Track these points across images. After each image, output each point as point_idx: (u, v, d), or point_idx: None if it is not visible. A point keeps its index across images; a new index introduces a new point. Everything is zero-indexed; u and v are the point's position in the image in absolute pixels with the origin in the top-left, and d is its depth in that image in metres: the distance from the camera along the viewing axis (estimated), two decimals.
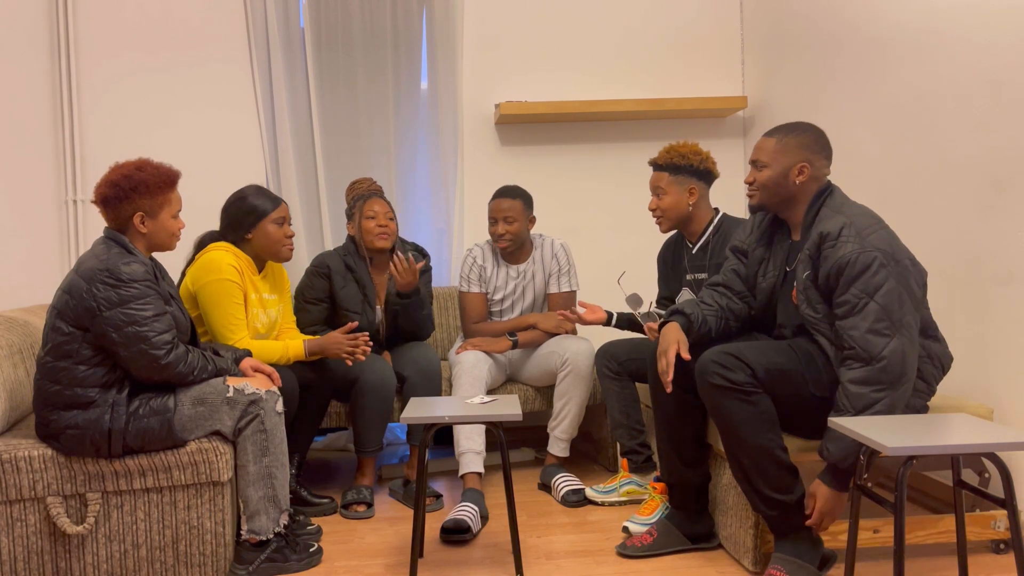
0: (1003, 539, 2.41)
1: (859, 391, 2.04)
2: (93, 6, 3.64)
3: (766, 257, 2.42)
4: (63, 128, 3.62)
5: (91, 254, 2.26)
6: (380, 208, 3.11)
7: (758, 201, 2.33)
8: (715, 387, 2.17)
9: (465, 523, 2.62)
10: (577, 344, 3.06)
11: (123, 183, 2.27)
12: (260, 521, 2.35)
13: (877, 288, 2.05)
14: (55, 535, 2.27)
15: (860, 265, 2.06)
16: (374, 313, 3.15)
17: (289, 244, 2.79)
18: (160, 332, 2.22)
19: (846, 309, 2.09)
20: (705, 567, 2.37)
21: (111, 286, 2.18)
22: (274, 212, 2.76)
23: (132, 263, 2.21)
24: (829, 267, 2.12)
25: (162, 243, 2.35)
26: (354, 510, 2.90)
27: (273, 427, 2.35)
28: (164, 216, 2.33)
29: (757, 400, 2.16)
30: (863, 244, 2.08)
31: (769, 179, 2.28)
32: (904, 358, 2.05)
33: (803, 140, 2.26)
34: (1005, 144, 2.50)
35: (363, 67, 3.77)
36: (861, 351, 2.05)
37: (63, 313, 2.21)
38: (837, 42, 3.29)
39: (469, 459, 2.88)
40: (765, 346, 2.24)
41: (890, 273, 2.07)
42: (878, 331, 2.04)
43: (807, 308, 2.20)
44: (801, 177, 2.25)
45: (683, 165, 2.80)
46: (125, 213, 2.29)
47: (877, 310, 2.05)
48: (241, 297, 2.67)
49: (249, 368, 2.46)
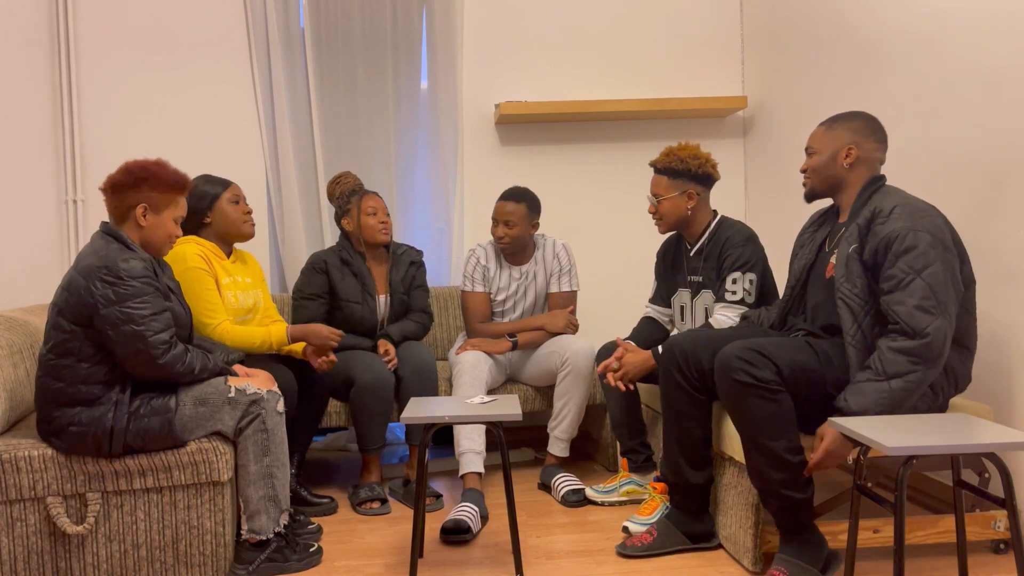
0: (1003, 539, 2.41)
1: (896, 358, 2.05)
2: (93, 6, 3.64)
3: (809, 240, 2.48)
4: (63, 128, 3.62)
5: (90, 250, 2.25)
6: (378, 204, 3.16)
7: (810, 187, 2.40)
8: (740, 383, 2.15)
9: (465, 523, 2.62)
10: (577, 344, 3.06)
11: (137, 171, 2.28)
12: (260, 521, 2.35)
13: (925, 267, 2.07)
14: (55, 535, 2.27)
15: (909, 242, 2.08)
16: (374, 302, 3.16)
17: (249, 220, 2.85)
18: (157, 331, 2.21)
19: (893, 284, 2.09)
20: (705, 567, 2.37)
21: (109, 283, 2.17)
22: (226, 192, 2.81)
23: (131, 260, 2.21)
24: (877, 242, 2.13)
25: (157, 243, 2.33)
26: (368, 507, 2.90)
27: (274, 427, 2.35)
28: (166, 215, 2.32)
29: (781, 399, 2.15)
30: (915, 224, 2.10)
31: (818, 163, 2.36)
32: (945, 339, 2.05)
33: (851, 124, 2.33)
34: (1004, 144, 2.50)
35: (363, 67, 3.77)
36: (906, 326, 2.05)
37: (63, 311, 2.21)
38: (837, 42, 3.29)
39: (469, 459, 2.88)
40: (786, 343, 2.23)
41: (938, 256, 2.08)
42: (925, 308, 2.05)
43: (845, 282, 2.20)
44: (848, 159, 2.31)
45: (682, 169, 2.80)
46: (129, 202, 2.28)
47: (924, 287, 2.05)
48: (212, 282, 2.69)
49: (243, 371, 2.46)
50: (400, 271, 3.24)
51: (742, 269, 2.74)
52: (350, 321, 3.14)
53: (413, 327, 3.24)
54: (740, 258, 2.74)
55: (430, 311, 3.33)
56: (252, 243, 3.77)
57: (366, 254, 3.20)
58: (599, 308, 4.03)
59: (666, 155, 2.84)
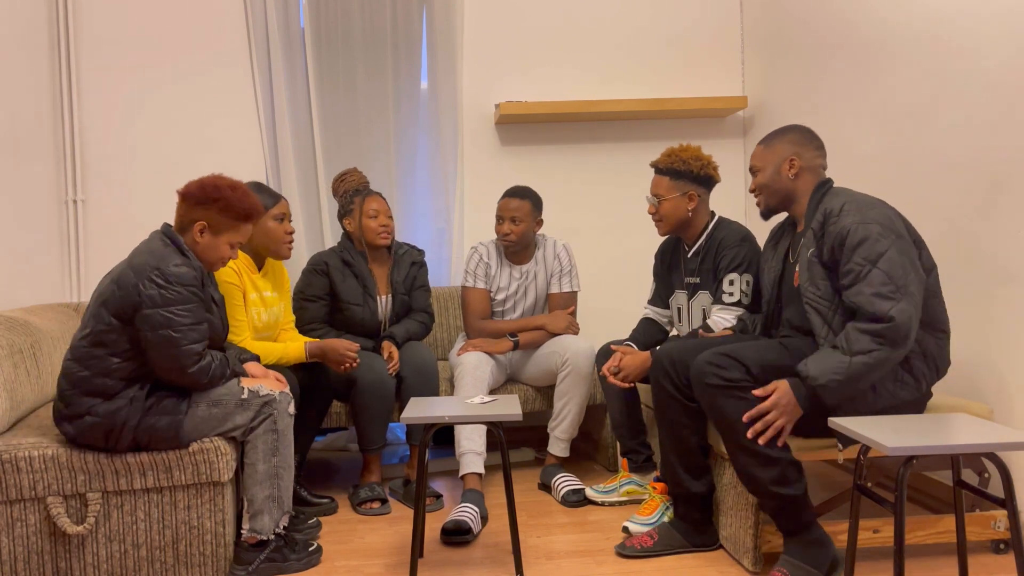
0: (1003, 539, 2.41)
1: (860, 337, 2.08)
2: (93, 6, 3.64)
3: (772, 255, 2.51)
4: (63, 128, 3.62)
5: (146, 248, 2.26)
6: (380, 206, 3.15)
7: (764, 204, 2.44)
8: (711, 387, 2.21)
9: (466, 524, 2.62)
10: (577, 344, 3.06)
11: (211, 190, 2.29)
12: (262, 521, 2.35)
13: (879, 255, 2.10)
14: (55, 535, 2.27)
15: (860, 235, 2.12)
16: (376, 303, 3.16)
17: (289, 241, 2.78)
18: (192, 342, 2.22)
19: (851, 278, 2.13)
20: (705, 567, 2.37)
21: (158, 285, 2.18)
22: (274, 208, 2.76)
23: (183, 265, 2.22)
24: (832, 240, 2.17)
25: (207, 262, 2.35)
26: (368, 507, 2.90)
27: (284, 428, 2.36)
28: (224, 239, 2.33)
29: (753, 397, 2.18)
30: (863, 216, 2.14)
31: (765, 179, 2.41)
32: (910, 321, 2.07)
33: (787, 137, 2.39)
34: (1004, 144, 2.50)
35: (363, 67, 3.77)
36: (870, 314, 2.08)
37: (108, 302, 2.22)
38: (837, 42, 3.29)
39: (469, 459, 2.87)
40: (757, 345, 2.28)
41: (891, 244, 2.11)
42: (883, 295, 2.07)
43: (809, 285, 2.25)
44: (792, 170, 2.36)
45: (684, 171, 2.81)
46: (194, 215, 2.30)
47: (881, 275, 2.09)
48: (240, 298, 2.67)
49: (255, 371, 2.47)
50: (401, 271, 3.24)
51: (738, 270, 2.74)
52: (351, 323, 3.14)
53: (416, 327, 3.24)
54: (736, 259, 2.74)
55: (431, 311, 3.33)
56: None
57: (367, 254, 3.20)
58: (599, 308, 4.03)
59: (668, 156, 2.84)
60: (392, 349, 3.07)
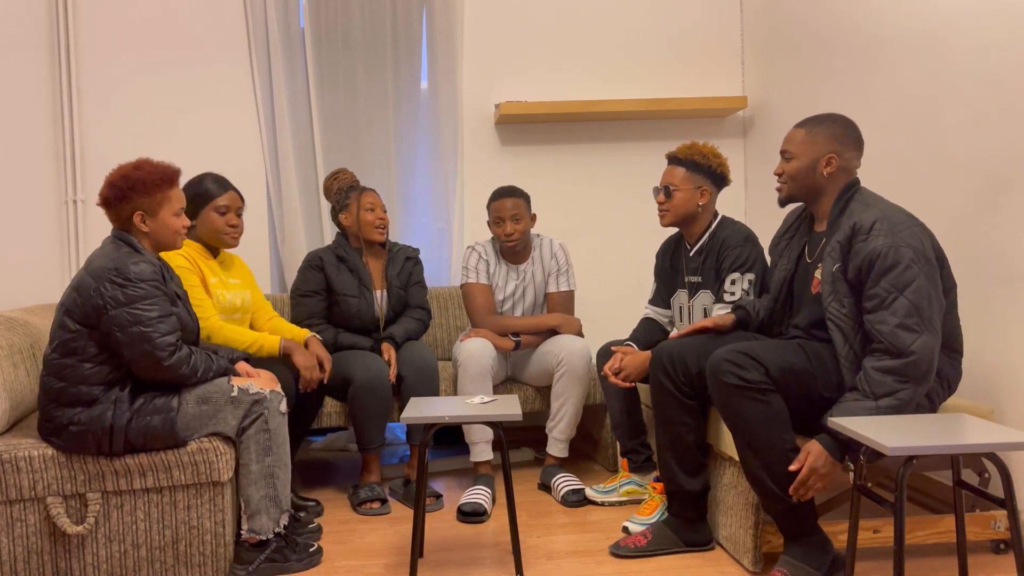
0: (1003, 539, 2.41)
1: (882, 379, 2.03)
2: (93, 6, 3.64)
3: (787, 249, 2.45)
4: (63, 128, 3.62)
5: (101, 253, 2.28)
6: (376, 201, 3.18)
7: (786, 193, 2.34)
8: (729, 386, 2.16)
9: (481, 507, 2.81)
10: (572, 344, 3.06)
11: (120, 183, 2.29)
12: (261, 521, 2.35)
13: (907, 284, 2.04)
14: (55, 535, 2.27)
15: (891, 260, 2.05)
16: (372, 296, 3.16)
17: (231, 232, 2.81)
18: (164, 334, 2.23)
19: (875, 303, 2.08)
20: (705, 567, 2.37)
21: (119, 285, 2.19)
22: (219, 199, 2.79)
23: (140, 263, 2.23)
24: (860, 260, 2.10)
25: (166, 242, 2.36)
26: (368, 507, 2.90)
27: (277, 427, 2.36)
28: (164, 214, 2.33)
29: (771, 399, 2.15)
30: (895, 239, 2.07)
31: (797, 170, 2.29)
32: (932, 355, 2.04)
33: (832, 131, 2.26)
34: (1005, 143, 2.50)
35: (363, 67, 3.77)
36: (890, 345, 2.04)
37: (71, 310, 2.23)
38: (837, 42, 3.29)
39: (481, 448, 3.03)
40: (777, 345, 2.23)
41: (921, 271, 2.05)
42: (908, 327, 2.03)
43: (833, 302, 2.18)
44: (828, 168, 2.25)
45: (702, 164, 2.79)
46: (125, 213, 2.31)
47: (907, 306, 2.04)
48: (197, 280, 2.70)
49: (245, 370, 2.46)
50: (396, 266, 3.25)
51: (741, 269, 2.73)
52: (348, 315, 3.14)
53: (415, 326, 3.24)
54: (739, 258, 2.74)
55: (428, 307, 3.32)
56: (253, 243, 3.77)
57: (363, 250, 3.21)
58: (599, 308, 4.03)
59: (688, 148, 2.81)
60: (391, 353, 3.06)
